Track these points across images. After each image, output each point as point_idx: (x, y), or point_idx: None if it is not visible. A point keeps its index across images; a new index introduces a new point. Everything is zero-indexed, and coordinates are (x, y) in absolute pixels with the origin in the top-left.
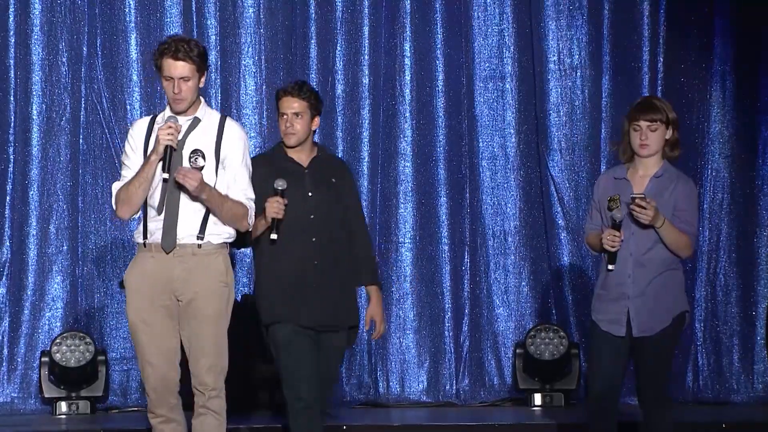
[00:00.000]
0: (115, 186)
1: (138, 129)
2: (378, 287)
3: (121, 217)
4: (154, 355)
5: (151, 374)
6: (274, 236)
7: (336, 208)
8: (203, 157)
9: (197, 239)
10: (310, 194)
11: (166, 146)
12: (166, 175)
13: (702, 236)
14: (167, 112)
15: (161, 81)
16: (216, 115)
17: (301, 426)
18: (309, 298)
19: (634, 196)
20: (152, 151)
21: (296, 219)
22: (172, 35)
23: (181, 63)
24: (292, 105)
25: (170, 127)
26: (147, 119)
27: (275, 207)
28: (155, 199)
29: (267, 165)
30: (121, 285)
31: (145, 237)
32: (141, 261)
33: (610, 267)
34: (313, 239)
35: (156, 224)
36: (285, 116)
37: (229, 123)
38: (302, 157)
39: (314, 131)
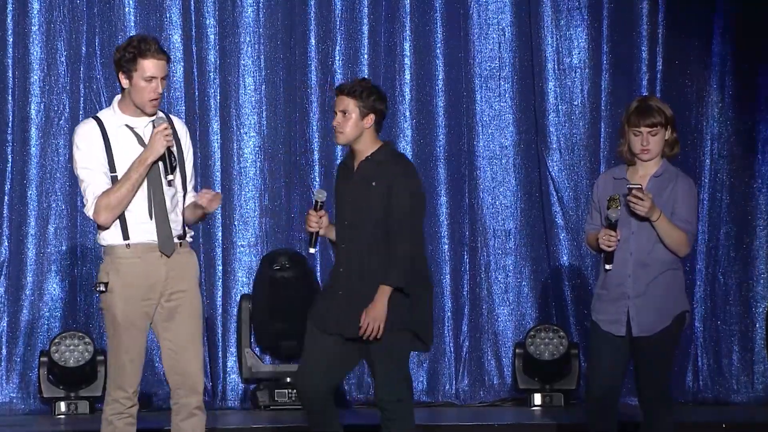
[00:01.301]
0: (95, 193)
1: (92, 134)
2: (386, 287)
3: (104, 224)
4: (136, 354)
5: (135, 368)
6: (312, 250)
7: (372, 213)
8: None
9: (179, 239)
10: (348, 199)
11: (168, 148)
12: (171, 177)
13: (701, 236)
14: (116, 114)
15: (133, 81)
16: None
17: (310, 424)
18: (335, 307)
19: (630, 186)
20: (147, 154)
21: (337, 225)
22: (138, 35)
23: (163, 63)
24: (341, 103)
25: (167, 128)
26: (92, 123)
27: (307, 220)
28: (134, 202)
29: (340, 169)
30: (98, 287)
31: (126, 238)
32: (125, 263)
33: (607, 267)
34: (343, 246)
35: (142, 227)
36: (335, 115)
37: (174, 117)
38: (358, 158)
39: (371, 129)
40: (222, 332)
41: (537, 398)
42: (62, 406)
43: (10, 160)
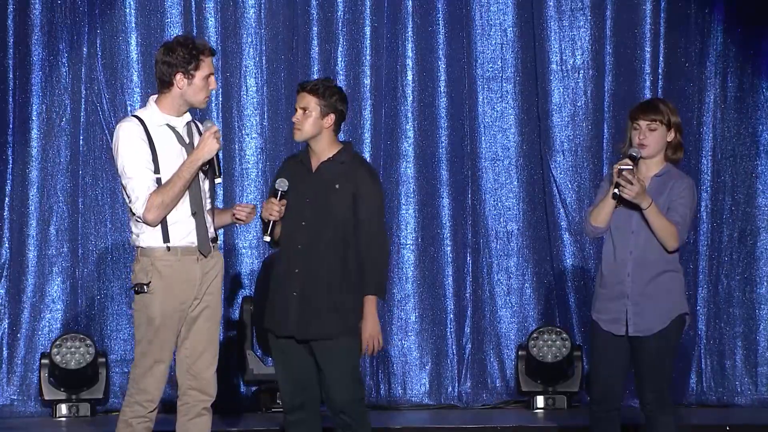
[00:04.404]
0: (146, 190)
1: (137, 132)
2: (372, 298)
3: (152, 222)
4: (167, 358)
5: (163, 372)
6: (267, 238)
7: (335, 215)
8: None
9: (212, 241)
10: (307, 200)
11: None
12: (220, 180)
13: (703, 237)
14: (156, 113)
15: (194, 80)
16: None
17: (287, 429)
18: (289, 308)
19: (621, 168)
20: (200, 154)
21: (290, 224)
22: (181, 35)
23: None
24: (303, 99)
25: (218, 131)
26: (135, 121)
27: (267, 208)
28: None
29: (290, 165)
30: (140, 287)
31: (166, 241)
32: (166, 265)
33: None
34: (299, 246)
35: (182, 227)
36: (295, 111)
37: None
38: (317, 158)
39: (331, 129)
40: (224, 334)
41: (540, 400)
42: (63, 408)
43: (11, 161)
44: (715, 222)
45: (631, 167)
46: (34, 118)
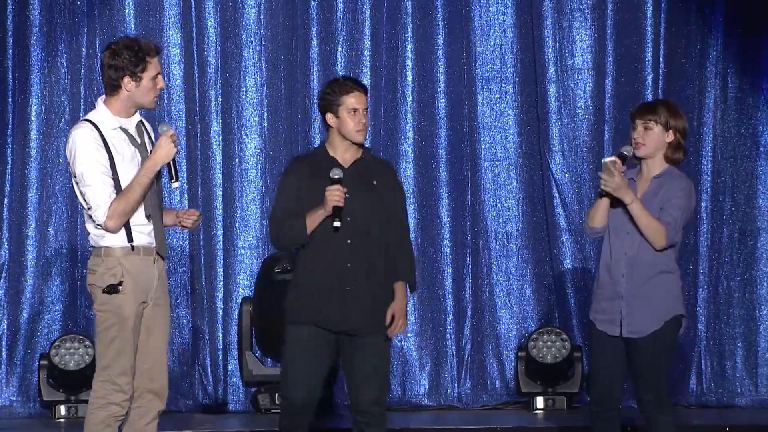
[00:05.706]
0: (106, 198)
1: (93, 138)
2: (404, 285)
3: (114, 230)
4: (133, 357)
5: (132, 373)
6: (337, 224)
7: (376, 210)
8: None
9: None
10: (347, 195)
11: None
12: (177, 185)
13: (703, 238)
14: (108, 116)
15: (142, 83)
16: None
17: (283, 425)
18: (345, 301)
19: (605, 161)
20: (157, 159)
21: (336, 220)
22: (126, 37)
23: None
24: (362, 101)
25: (174, 135)
26: (89, 126)
27: (336, 195)
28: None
29: (308, 164)
30: (111, 290)
31: (130, 240)
32: (131, 264)
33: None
34: (348, 241)
35: (141, 228)
36: (357, 112)
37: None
38: (347, 157)
39: None
40: (223, 335)
41: (539, 401)
42: (62, 409)
43: (9, 161)
44: (715, 223)
45: (614, 160)
46: (33, 118)
